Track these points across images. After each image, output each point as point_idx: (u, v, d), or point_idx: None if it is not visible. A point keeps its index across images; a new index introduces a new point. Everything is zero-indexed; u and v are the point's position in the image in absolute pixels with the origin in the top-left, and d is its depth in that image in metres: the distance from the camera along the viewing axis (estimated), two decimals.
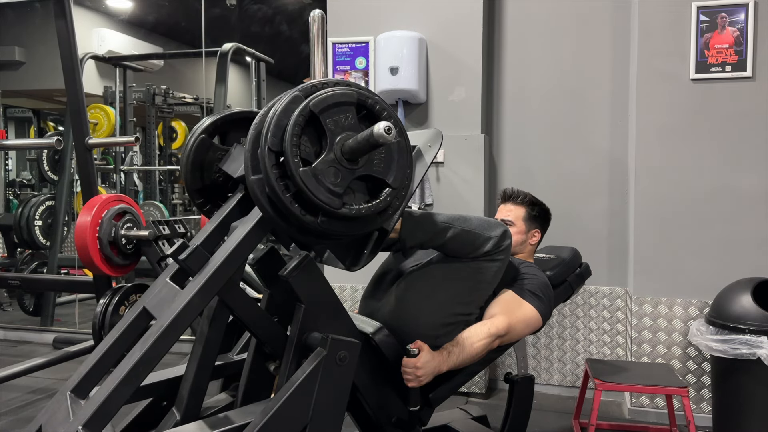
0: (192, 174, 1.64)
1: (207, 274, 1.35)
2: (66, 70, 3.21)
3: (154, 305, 1.41)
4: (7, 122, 10.40)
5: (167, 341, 1.29)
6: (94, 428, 1.22)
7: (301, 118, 1.29)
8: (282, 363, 1.59)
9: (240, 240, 1.39)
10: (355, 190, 1.37)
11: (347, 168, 1.33)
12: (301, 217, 1.31)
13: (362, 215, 1.34)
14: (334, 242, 1.50)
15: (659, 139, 2.84)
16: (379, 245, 1.52)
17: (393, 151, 1.38)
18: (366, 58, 3.21)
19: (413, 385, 1.68)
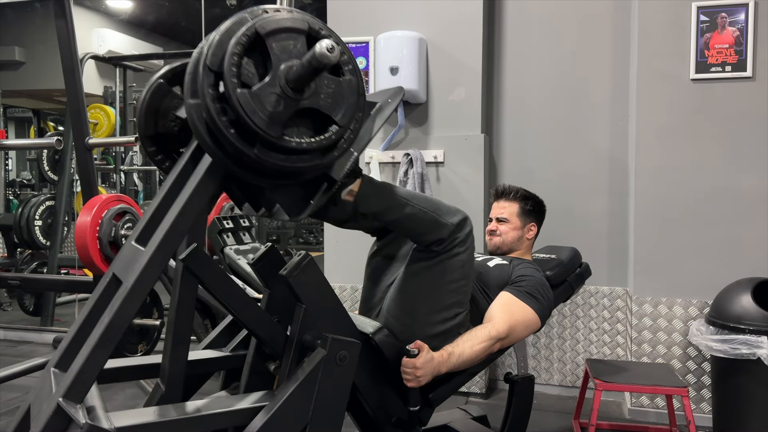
0: (146, 120, 1.55)
1: (164, 229, 1.31)
2: (66, 70, 3.21)
3: (121, 269, 1.38)
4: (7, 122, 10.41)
5: (134, 302, 1.27)
6: (73, 397, 1.22)
7: (244, 38, 1.20)
8: (282, 363, 1.59)
9: (192, 189, 1.33)
10: (299, 125, 1.28)
11: (291, 98, 1.24)
12: (237, 145, 1.22)
13: (303, 149, 1.26)
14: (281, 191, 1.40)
15: (659, 139, 2.84)
16: (327, 195, 1.43)
17: (342, 88, 1.31)
18: (366, 58, 3.21)
19: (412, 386, 1.67)
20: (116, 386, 3.15)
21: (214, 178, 1.34)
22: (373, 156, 3.18)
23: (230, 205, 4.67)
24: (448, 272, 1.73)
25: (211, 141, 1.26)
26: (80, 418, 1.18)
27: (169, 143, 1.60)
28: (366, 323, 1.75)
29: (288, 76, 1.23)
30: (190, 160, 1.43)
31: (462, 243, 1.71)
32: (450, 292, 1.76)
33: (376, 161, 3.17)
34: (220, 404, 1.41)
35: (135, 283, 1.27)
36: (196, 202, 1.33)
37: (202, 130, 1.25)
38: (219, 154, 1.27)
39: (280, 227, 9.43)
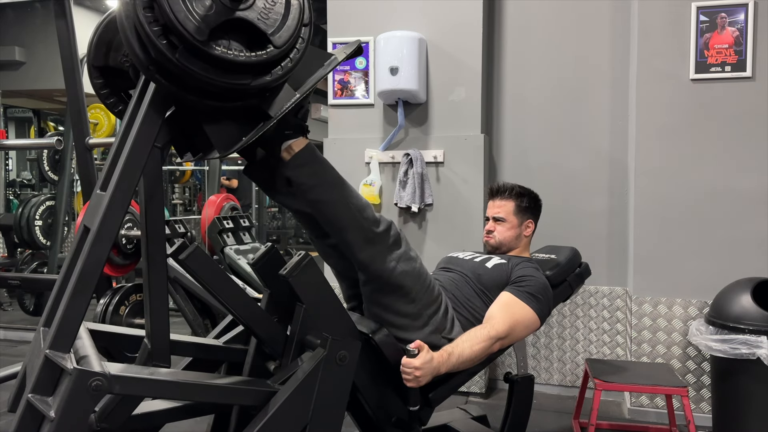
0: (96, 49, 1.51)
1: (119, 169, 1.29)
2: (66, 70, 3.22)
3: (89, 219, 1.38)
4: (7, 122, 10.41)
5: (102, 244, 1.27)
6: (60, 347, 1.22)
7: None
8: (282, 363, 1.59)
9: (139, 123, 1.30)
10: (232, 39, 1.21)
11: (224, 5, 1.17)
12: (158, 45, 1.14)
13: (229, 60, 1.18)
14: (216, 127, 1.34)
15: (659, 138, 2.84)
16: (260, 133, 1.35)
17: (284, 10, 1.24)
18: (366, 58, 3.21)
19: (412, 386, 1.67)
20: None
21: (158, 110, 1.31)
22: (373, 156, 3.18)
23: (230, 205, 4.68)
24: (398, 288, 1.70)
25: (138, 45, 1.19)
26: (68, 365, 1.17)
27: (119, 79, 1.56)
28: (366, 323, 1.75)
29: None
30: (137, 100, 1.40)
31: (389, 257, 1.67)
32: (410, 302, 1.74)
33: (376, 161, 3.17)
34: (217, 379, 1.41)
35: (99, 225, 1.27)
36: (144, 134, 1.31)
37: (129, 32, 1.19)
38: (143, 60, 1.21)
39: (280, 227, 9.43)
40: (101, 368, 1.20)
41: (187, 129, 1.40)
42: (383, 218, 1.70)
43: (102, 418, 1.35)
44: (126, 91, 1.58)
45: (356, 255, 1.65)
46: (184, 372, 1.46)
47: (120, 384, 1.22)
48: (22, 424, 1.21)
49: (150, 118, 1.31)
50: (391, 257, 1.67)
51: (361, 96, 3.25)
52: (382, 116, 3.25)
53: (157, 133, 1.32)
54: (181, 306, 3.35)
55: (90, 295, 1.27)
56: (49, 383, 1.21)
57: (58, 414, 1.15)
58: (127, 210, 1.33)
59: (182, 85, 1.24)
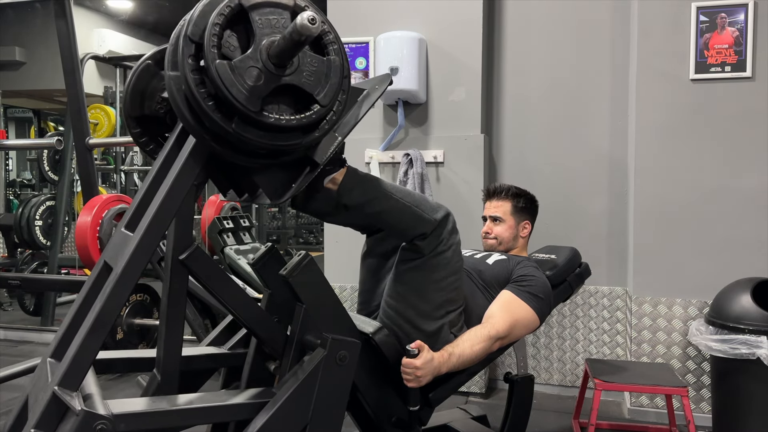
0: (132, 99, 1.54)
1: (150, 213, 1.30)
2: (66, 70, 3.22)
3: (111, 256, 1.37)
4: (8, 122, 10.41)
5: (124, 287, 1.27)
6: (69, 384, 1.22)
7: (227, 9, 1.18)
8: (282, 363, 1.59)
9: (177, 172, 1.31)
10: (280, 102, 1.26)
11: (272, 73, 1.22)
12: (214, 118, 1.20)
13: (282, 125, 1.23)
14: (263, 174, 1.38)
15: (659, 139, 2.84)
16: (309, 179, 1.40)
17: (326, 67, 1.29)
18: (366, 58, 3.21)
19: (413, 386, 1.68)
20: (116, 387, 3.15)
21: (198, 160, 1.33)
22: (373, 156, 3.18)
23: (230, 206, 4.67)
24: (435, 271, 1.73)
25: (189, 115, 1.23)
26: (76, 405, 1.18)
27: (155, 126, 1.59)
28: (366, 323, 1.75)
29: (270, 50, 1.21)
30: (175, 144, 1.42)
31: (445, 241, 1.71)
32: (439, 290, 1.76)
33: (376, 161, 3.17)
34: (219, 398, 1.41)
35: (124, 268, 1.27)
36: (181, 185, 1.32)
37: (181, 103, 1.23)
38: (197, 129, 1.25)
39: (280, 227, 9.43)
40: (106, 410, 1.20)
41: (231, 173, 1.44)
42: (441, 205, 1.74)
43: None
44: (163, 135, 1.61)
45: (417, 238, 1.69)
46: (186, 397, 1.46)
47: (125, 422, 1.22)
48: None
49: (190, 166, 1.33)
50: (447, 243, 1.72)
51: None
52: (382, 116, 3.25)
53: (194, 179, 1.35)
54: None
55: (105, 335, 1.27)
56: (53, 420, 1.21)
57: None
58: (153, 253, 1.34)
59: (236, 149, 1.29)
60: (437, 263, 1.72)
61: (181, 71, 1.19)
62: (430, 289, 1.74)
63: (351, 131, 1.47)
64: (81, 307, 1.39)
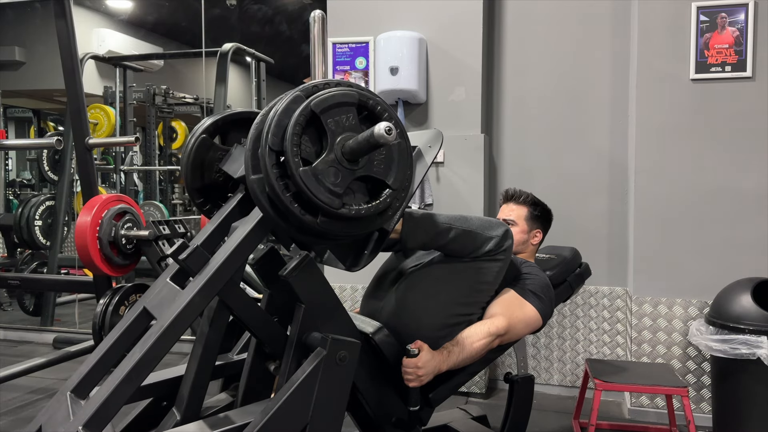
0: (192, 173, 1.64)
1: (208, 275, 1.35)
2: (66, 70, 3.21)
3: (155, 305, 1.42)
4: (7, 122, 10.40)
5: (167, 341, 1.29)
6: (94, 428, 1.22)
7: (302, 117, 1.29)
8: (282, 363, 1.59)
9: (241, 240, 1.39)
10: (355, 191, 1.37)
11: (347, 168, 1.33)
12: (300, 217, 1.31)
13: (362, 216, 1.34)
14: (334, 243, 1.51)
15: (659, 139, 2.84)
16: (380, 246, 1.52)
17: (393, 152, 1.38)
18: (366, 58, 3.21)
19: (414, 385, 1.68)
20: None
21: (264, 231, 1.43)
22: None
23: None
24: (483, 273, 1.80)
25: (273, 211, 1.34)
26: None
27: (215, 193, 1.70)
28: (366, 323, 1.75)
29: (344, 149, 1.32)
30: (237, 206, 1.53)
31: (504, 251, 1.79)
32: (477, 291, 1.82)
33: None
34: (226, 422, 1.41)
35: (173, 322, 1.30)
36: (244, 249, 1.40)
37: (265, 203, 1.34)
38: (281, 223, 1.36)
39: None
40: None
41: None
42: (501, 222, 1.83)
43: None
44: (223, 199, 1.70)
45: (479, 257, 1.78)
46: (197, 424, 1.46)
47: None
48: None
49: (254, 236, 1.42)
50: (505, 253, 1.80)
51: None
52: None
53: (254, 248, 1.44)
54: None
55: (138, 385, 1.30)
56: None
57: None
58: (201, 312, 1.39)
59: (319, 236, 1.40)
60: (489, 267, 1.79)
61: (265, 176, 1.30)
62: (472, 287, 1.81)
63: (413, 195, 1.59)
64: (111, 348, 1.41)
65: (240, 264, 1.41)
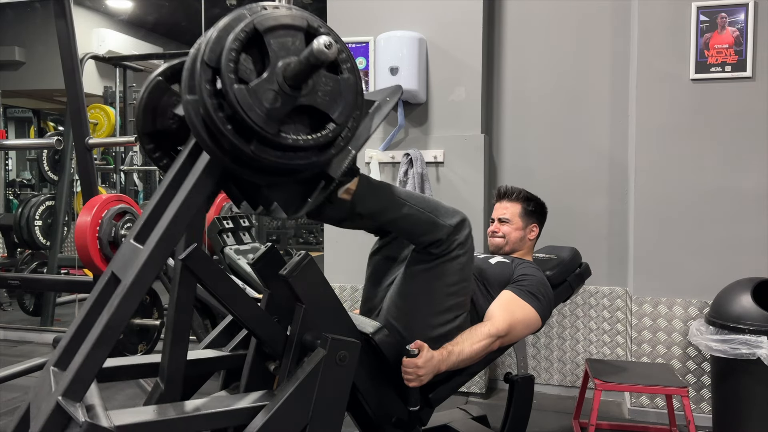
0: (144, 116, 1.56)
1: (162, 227, 1.31)
2: (66, 70, 3.21)
3: (119, 267, 1.38)
4: (7, 122, 10.41)
5: (132, 300, 1.27)
6: (73, 395, 1.22)
7: (243, 33, 1.20)
8: (282, 363, 1.59)
9: (190, 187, 1.33)
10: (296, 121, 1.28)
11: (288, 94, 1.24)
12: (233, 141, 1.22)
13: (299, 146, 1.26)
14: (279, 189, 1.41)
15: (659, 139, 2.84)
16: (325, 194, 1.43)
17: (340, 86, 1.30)
18: (366, 58, 3.21)
19: (414, 385, 1.68)
20: (116, 386, 3.15)
21: (212, 176, 1.34)
22: (373, 156, 3.18)
23: (230, 205, 4.67)
24: (447, 275, 1.73)
25: (208, 137, 1.25)
26: (79, 417, 1.18)
27: (168, 141, 1.60)
28: (366, 323, 1.75)
29: (286, 72, 1.23)
30: (188, 157, 1.43)
31: (461, 245, 1.71)
32: (449, 294, 1.76)
33: (376, 161, 3.17)
34: (220, 403, 1.42)
35: (133, 281, 1.27)
36: (193, 200, 1.33)
37: (199, 127, 1.25)
38: (216, 151, 1.27)
39: (280, 227, 9.42)
40: (109, 422, 1.20)
41: (245, 187, 1.45)
42: (457, 210, 1.75)
43: None
44: (175, 149, 1.63)
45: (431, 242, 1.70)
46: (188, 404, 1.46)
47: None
48: None
49: (202, 183, 1.34)
50: (464, 246, 1.72)
51: None
52: None
53: (207, 197, 1.36)
54: None
55: (111, 348, 1.27)
56: (56, 431, 1.21)
57: None
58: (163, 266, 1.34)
59: (254, 168, 1.31)
60: (451, 268, 1.72)
61: (200, 96, 1.21)
62: (441, 293, 1.75)
63: (364, 144, 1.49)
64: (87, 316, 1.39)
65: (192, 212, 1.33)
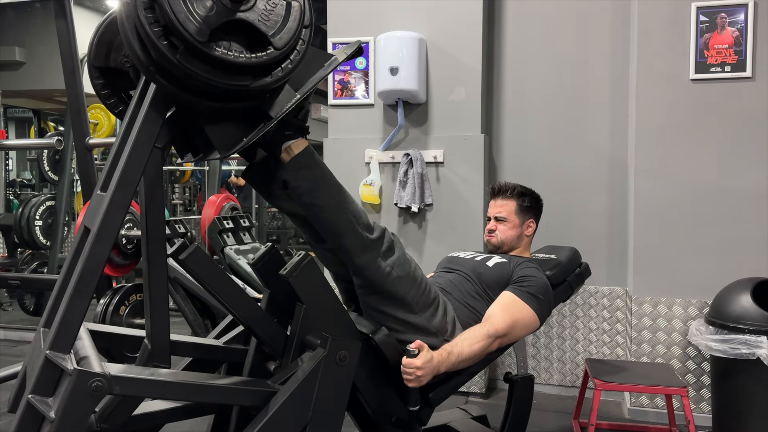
0: (97, 49, 1.52)
1: (119, 170, 1.30)
2: (66, 70, 3.22)
3: (89, 218, 1.38)
4: (8, 122, 10.41)
5: (102, 245, 1.27)
6: (60, 347, 1.23)
7: None
8: (282, 363, 1.59)
9: (140, 123, 1.30)
10: (232, 41, 1.22)
11: (226, 6, 1.18)
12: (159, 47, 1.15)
13: (229, 61, 1.19)
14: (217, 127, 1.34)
15: (659, 139, 2.84)
16: (260, 134, 1.35)
17: (284, 10, 1.25)
18: (366, 58, 3.21)
19: (413, 385, 1.68)
20: None
21: (159, 110, 1.31)
22: (373, 156, 3.18)
23: (230, 206, 4.68)
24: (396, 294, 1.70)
25: (138, 45, 1.20)
26: (69, 365, 1.17)
27: (119, 80, 1.56)
28: (366, 323, 1.75)
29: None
30: (138, 100, 1.40)
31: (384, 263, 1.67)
32: (412, 305, 1.74)
33: (376, 161, 3.17)
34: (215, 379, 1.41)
35: (100, 226, 1.27)
36: (144, 134, 1.31)
37: (130, 34, 1.19)
38: (144, 61, 1.21)
39: (280, 227, 9.43)
40: (101, 369, 1.20)
41: (188, 130, 1.40)
42: (377, 225, 1.71)
43: (102, 418, 1.35)
44: (126, 91, 1.58)
45: (352, 260, 1.66)
46: (184, 372, 1.46)
47: (120, 385, 1.22)
48: (23, 424, 1.21)
49: (151, 118, 1.31)
50: (386, 263, 1.68)
51: (361, 96, 3.25)
52: (382, 116, 3.25)
53: (157, 134, 1.32)
54: (181, 306, 3.35)
55: (90, 296, 1.27)
56: (49, 384, 1.21)
57: (58, 414, 1.15)
58: (127, 210, 1.33)
59: (182, 86, 1.25)
60: (392, 286, 1.69)
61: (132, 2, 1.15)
62: (397, 309, 1.72)
63: (311, 91, 1.42)
64: (66, 274, 1.40)
65: (146, 150, 1.31)
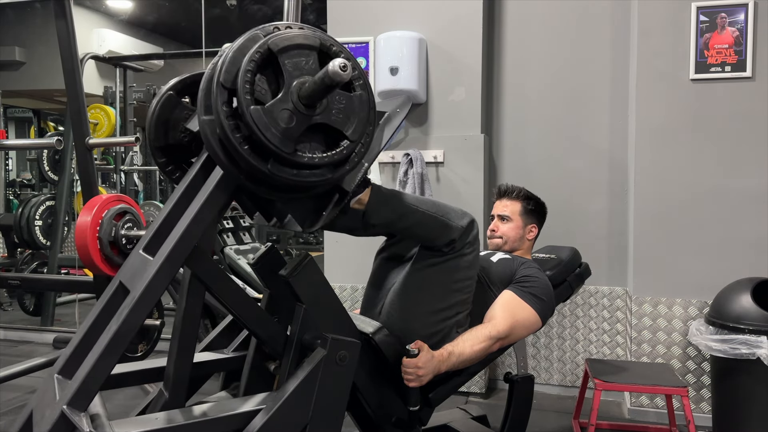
0: (156, 130, 1.58)
1: (174, 239, 1.32)
2: (66, 70, 3.21)
3: (128, 278, 1.39)
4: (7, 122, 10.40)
5: (141, 312, 1.28)
6: (78, 405, 1.22)
7: (257, 55, 1.23)
8: (282, 363, 1.59)
9: (203, 200, 1.34)
10: (311, 140, 1.30)
11: (303, 113, 1.26)
12: (250, 161, 1.24)
13: (315, 164, 1.28)
14: (293, 203, 1.43)
15: (659, 139, 2.84)
16: (339, 207, 1.46)
17: (354, 103, 1.32)
18: (366, 58, 3.21)
19: (414, 385, 1.68)
20: None
21: (226, 190, 1.37)
22: None
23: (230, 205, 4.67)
24: (454, 271, 1.76)
25: (224, 156, 1.28)
26: (84, 427, 1.17)
27: (180, 154, 1.63)
28: (366, 323, 1.75)
29: (300, 92, 1.25)
30: (200, 170, 1.45)
31: (470, 244, 1.75)
32: (454, 291, 1.78)
33: (376, 161, 3.17)
34: (223, 408, 1.41)
35: (143, 292, 1.27)
36: (206, 213, 1.35)
37: (215, 146, 1.27)
38: (232, 169, 1.29)
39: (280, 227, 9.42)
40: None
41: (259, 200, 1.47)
42: (466, 212, 1.78)
43: None
44: (187, 162, 1.64)
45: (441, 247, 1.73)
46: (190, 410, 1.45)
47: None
48: None
49: (215, 199, 1.35)
50: (472, 245, 1.77)
51: None
52: None
53: (220, 210, 1.38)
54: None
55: (118, 358, 1.28)
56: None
57: None
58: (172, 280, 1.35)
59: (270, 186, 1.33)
60: (458, 264, 1.75)
61: (216, 117, 1.23)
62: (448, 289, 1.77)
63: (377, 157, 1.52)
64: (93, 326, 1.40)
65: (205, 225, 1.34)
